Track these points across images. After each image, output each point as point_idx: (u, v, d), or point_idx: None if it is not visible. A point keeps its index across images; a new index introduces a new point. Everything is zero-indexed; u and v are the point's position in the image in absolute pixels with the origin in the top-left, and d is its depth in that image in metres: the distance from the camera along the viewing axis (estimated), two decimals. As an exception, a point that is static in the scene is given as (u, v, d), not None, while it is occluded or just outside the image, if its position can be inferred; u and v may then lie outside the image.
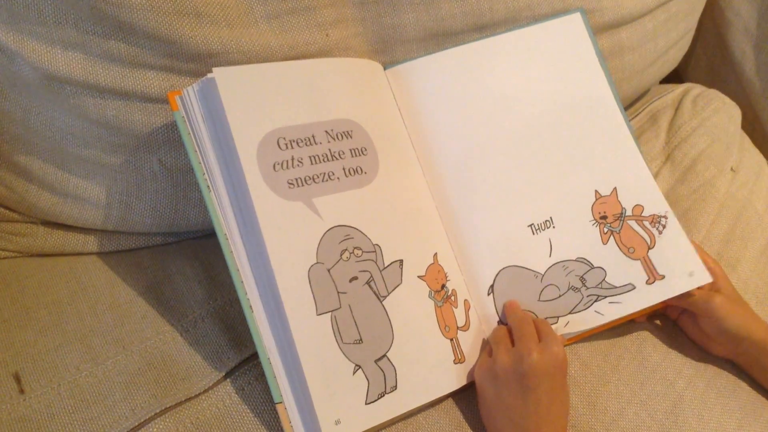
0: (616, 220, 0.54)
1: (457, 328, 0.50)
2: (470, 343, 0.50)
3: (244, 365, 0.48)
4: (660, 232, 0.53)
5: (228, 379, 0.48)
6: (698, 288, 0.51)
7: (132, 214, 0.55)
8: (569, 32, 0.58)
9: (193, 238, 0.60)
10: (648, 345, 0.54)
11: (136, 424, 0.44)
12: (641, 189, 0.55)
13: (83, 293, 0.53)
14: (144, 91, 0.49)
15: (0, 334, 0.49)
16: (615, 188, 0.55)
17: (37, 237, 0.57)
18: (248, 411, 0.46)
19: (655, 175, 0.66)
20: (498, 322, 0.52)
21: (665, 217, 0.54)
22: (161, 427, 0.44)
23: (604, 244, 0.53)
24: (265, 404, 0.46)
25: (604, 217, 0.54)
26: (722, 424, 0.50)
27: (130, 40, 0.47)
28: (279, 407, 0.44)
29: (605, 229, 0.54)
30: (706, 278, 0.51)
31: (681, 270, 0.52)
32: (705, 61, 0.86)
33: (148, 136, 0.51)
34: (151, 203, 0.55)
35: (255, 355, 0.49)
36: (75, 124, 0.51)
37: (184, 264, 0.56)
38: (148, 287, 0.54)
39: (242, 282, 0.45)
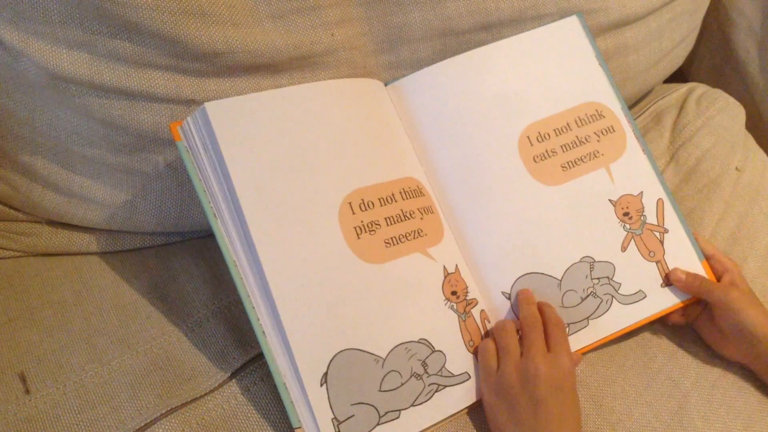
0: (638, 218, 0.54)
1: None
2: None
3: (250, 365, 0.48)
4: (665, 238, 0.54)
5: (234, 380, 0.47)
6: (717, 281, 0.52)
7: (137, 213, 0.55)
8: (567, 35, 0.58)
9: (198, 237, 0.60)
10: (653, 345, 0.54)
11: (142, 424, 0.44)
12: (646, 191, 0.55)
13: (88, 293, 0.53)
14: (149, 91, 0.49)
15: (5, 334, 0.49)
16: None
17: (41, 236, 0.57)
18: (254, 411, 0.46)
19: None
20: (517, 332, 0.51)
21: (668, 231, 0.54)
22: (167, 427, 0.44)
23: (624, 248, 0.53)
24: (271, 404, 0.46)
25: (626, 214, 0.54)
26: (728, 425, 0.50)
27: (135, 40, 0.47)
28: None
29: (625, 230, 0.53)
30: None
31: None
32: (709, 60, 0.85)
33: (154, 136, 0.51)
34: (157, 203, 0.55)
35: (261, 355, 0.48)
36: (80, 123, 0.51)
37: (189, 264, 0.56)
38: (153, 287, 0.54)
39: (253, 308, 0.44)
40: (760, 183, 0.67)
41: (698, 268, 0.53)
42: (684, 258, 0.53)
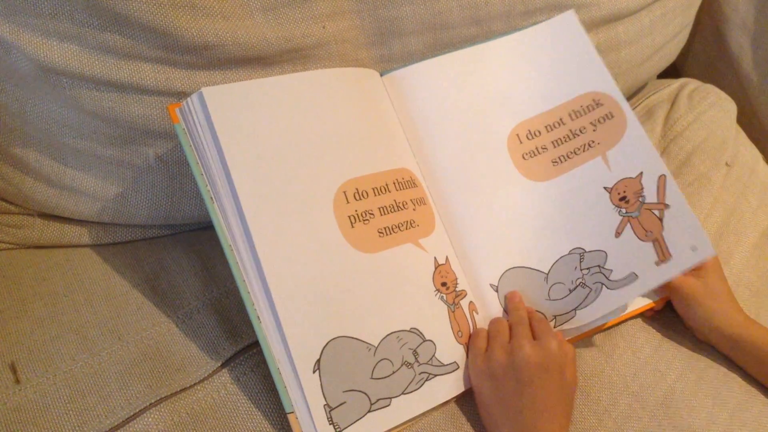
0: (636, 200, 0.53)
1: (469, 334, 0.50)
2: None
3: (240, 356, 0.49)
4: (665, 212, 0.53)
5: (224, 369, 0.48)
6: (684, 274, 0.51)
7: (128, 206, 0.55)
8: (565, 29, 0.58)
9: (189, 230, 0.60)
10: (640, 337, 0.54)
11: (131, 414, 0.44)
12: (647, 170, 0.54)
13: (79, 285, 0.53)
14: (139, 83, 0.49)
15: (-4, 324, 0.50)
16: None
17: (33, 229, 0.57)
18: (244, 401, 0.46)
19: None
20: None
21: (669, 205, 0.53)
22: (156, 416, 0.44)
23: (618, 233, 0.53)
24: (261, 394, 0.47)
25: (623, 198, 0.53)
26: (713, 414, 0.50)
27: (125, 32, 0.47)
28: (291, 417, 0.43)
29: (621, 215, 0.53)
30: (709, 252, 0.51)
31: (684, 246, 0.52)
32: (702, 56, 0.86)
33: (144, 128, 0.51)
34: (148, 195, 0.55)
35: (251, 346, 0.49)
36: (71, 115, 0.51)
37: (180, 256, 0.56)
38: (144, 279, 0.54)
39: (249, 293, 0.45)
40: (749, 178, 0.67)
41: (700, 238, 0.52)
42: (686, 230, 0.52)
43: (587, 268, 0.52)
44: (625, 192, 0.53)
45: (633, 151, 0.55)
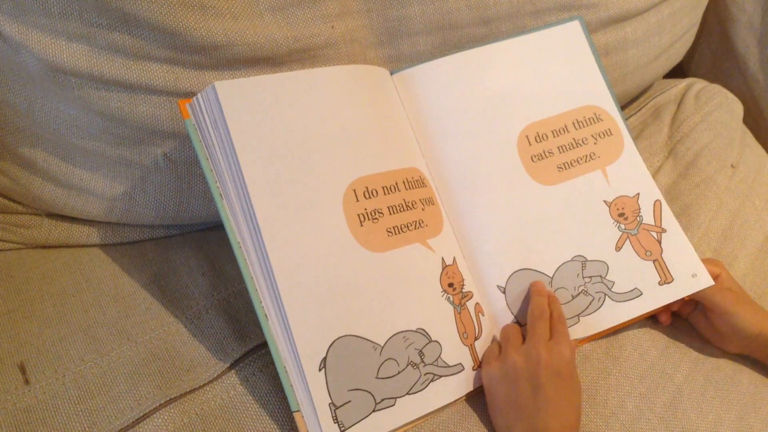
0: (634, 219, 0.54)
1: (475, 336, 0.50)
2: (483, 348, 0.50)
3: (249, 356, 0.49)
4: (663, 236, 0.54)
5: (233, 370, 0.48)
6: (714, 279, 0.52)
7: (136, 206, 0.55)
8: (569, 39, 0.59)
9: (197, 230, 0.60)
10: (646, 339, 0.54)
11: (141, 414, 0.44)
12: (643, 193, 0.55)
13: (87, 285, 0.53)
14: (148, 83, 0.49)
15: (5, 325, 0.50)
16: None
17: (41, 229, 0.57)
18: (253, 401, 0.46)
19: (658, 170, 0.66)
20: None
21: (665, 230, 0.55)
22: (166, 417, 0.45)
23: (618, 247, 0.53)
24: (269, 395, 0.47)
25: (622, 215, 0.54)
26: (721, 416, 0.50)
27: (134, 32, 0.47)
28: (296, 416, 0.44)
29: (620, 230, 0.54)
30: (708, 280, 0.52)
31: (685, 272, 0.53)
32: (709, 56, 0.85)
33: (153, 129, 0.51)
34: (156, 196, 0.55)
35: (259, 347, 0.49)
36: (79, 116, 0.51)
37: (188, 256, 0.56)
38: (153, 279, 0.54)
39: (257, 290, 0.45)
40: (754, 180, 0.67)
41: (698, 266, 0.53)
42: (683, 256, 0.54)
43: (589, 277, 0.53)
44: (623, 209, 0.54)
45: (629, 172, 0.56)
